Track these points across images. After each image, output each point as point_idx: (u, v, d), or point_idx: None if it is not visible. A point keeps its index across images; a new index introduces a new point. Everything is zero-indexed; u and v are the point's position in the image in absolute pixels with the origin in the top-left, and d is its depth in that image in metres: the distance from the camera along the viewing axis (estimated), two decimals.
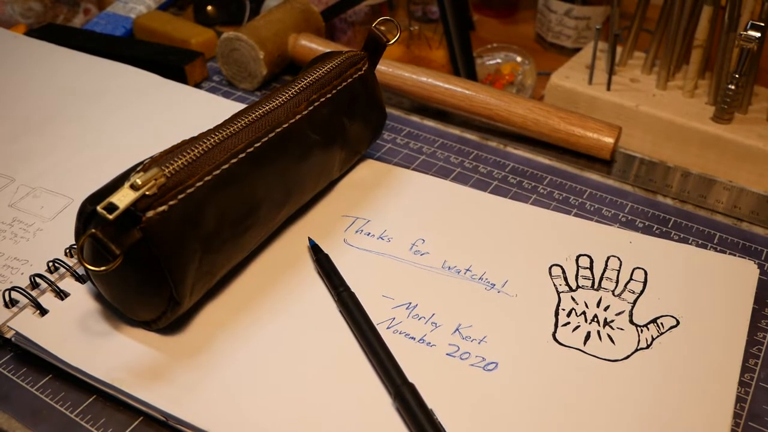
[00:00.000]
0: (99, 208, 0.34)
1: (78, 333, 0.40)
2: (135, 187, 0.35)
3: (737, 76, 0.55)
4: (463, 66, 0.67)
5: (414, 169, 0.55)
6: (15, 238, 0.46)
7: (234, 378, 0.38)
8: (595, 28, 0.63)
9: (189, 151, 0.39)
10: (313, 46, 0.64)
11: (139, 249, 0.36)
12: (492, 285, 0.44)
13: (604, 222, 0.50)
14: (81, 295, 0.42)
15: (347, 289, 0.42)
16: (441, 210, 0.49)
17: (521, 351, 0.40)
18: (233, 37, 0.62)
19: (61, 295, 0.42)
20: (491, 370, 0.39)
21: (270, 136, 0.43)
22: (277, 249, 0.46)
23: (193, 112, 0.58)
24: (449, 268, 0.45)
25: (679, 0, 0.58)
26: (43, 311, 0.41)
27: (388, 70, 0.61)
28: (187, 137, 0.40)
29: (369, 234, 0.47)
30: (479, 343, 0.40)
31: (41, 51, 0.66)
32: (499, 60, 0.70)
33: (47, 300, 0.41)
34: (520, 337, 0.41)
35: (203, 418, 0.36)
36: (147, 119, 0.58)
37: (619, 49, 0.63)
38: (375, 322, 0.40)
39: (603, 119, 0.57)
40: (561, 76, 0.64)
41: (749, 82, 0.57)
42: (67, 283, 0.43)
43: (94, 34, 0.70)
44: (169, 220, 0.36)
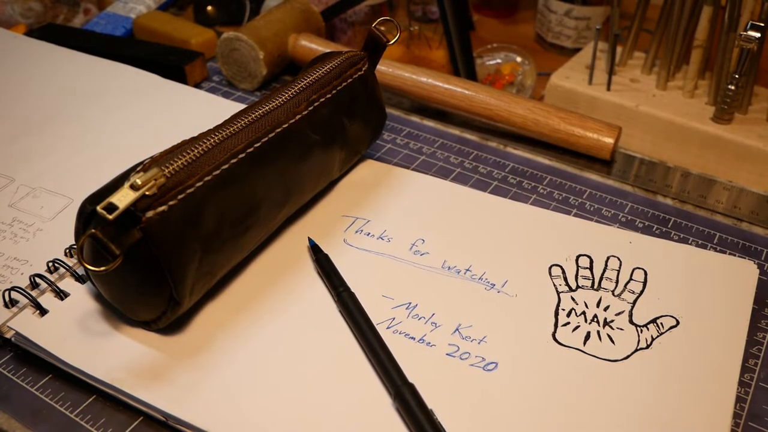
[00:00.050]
0: (99, 208, 0.34)
1: (78, 333, 0.40)
2: (135, 187, 0.35)
3: (737, 77, 0.55)
4: (463, 66, 0.67)
5: (414, 169, 0.55)
6: (15, 238, 0.46)
7: (234, 378, 0.38)
8: (595, 28, 0.63)
9: (189, 151, 0.39)
10: (313, 46, 0.64)
11: (139, 249, 0.36)
12: (492, 285, 0.44)
13: (604, 222, 0.50)
14: (81, 295, 0.42)
15: (347, 289, 0.42)
16: (441, 210, 0.49)
17: (521, 351, 0.40)
18: (233, 37, 0.62)
19: (61, 295, 0.42)
20: (491, 370, 0.39)
21: (270, 136, 0.43)
22: (277, 249, 0.46)
23: (193, 112, 0.58)
24: (449, 268, 0.45)
25: (679, 0, 0.58)
26: (43, 311, 0.41)
27: (388, 70, 0.61)
28: (187, 137, 0.40)
29: (369, 234, 0.47)
30: (479, 343, 0.40)
31: (41, 51, 0.66)
32: (499, 60, 0.70)
33: (47, 300, 0.41)
34: (520, 337, 0.41)
35: (203, 418, 0.36)
36: (147, 119, 0.57)
37: (619, 49, 0.63)
38: (375, 322, 0.40)
39: (603, 119, 0.57)
40: (561, 77, 0.64)
41: (749, 82, 0.57)
42: (67, 283, 0.43)
43: (94, 34, 0.70)
44: (169, 220, 0.36)
